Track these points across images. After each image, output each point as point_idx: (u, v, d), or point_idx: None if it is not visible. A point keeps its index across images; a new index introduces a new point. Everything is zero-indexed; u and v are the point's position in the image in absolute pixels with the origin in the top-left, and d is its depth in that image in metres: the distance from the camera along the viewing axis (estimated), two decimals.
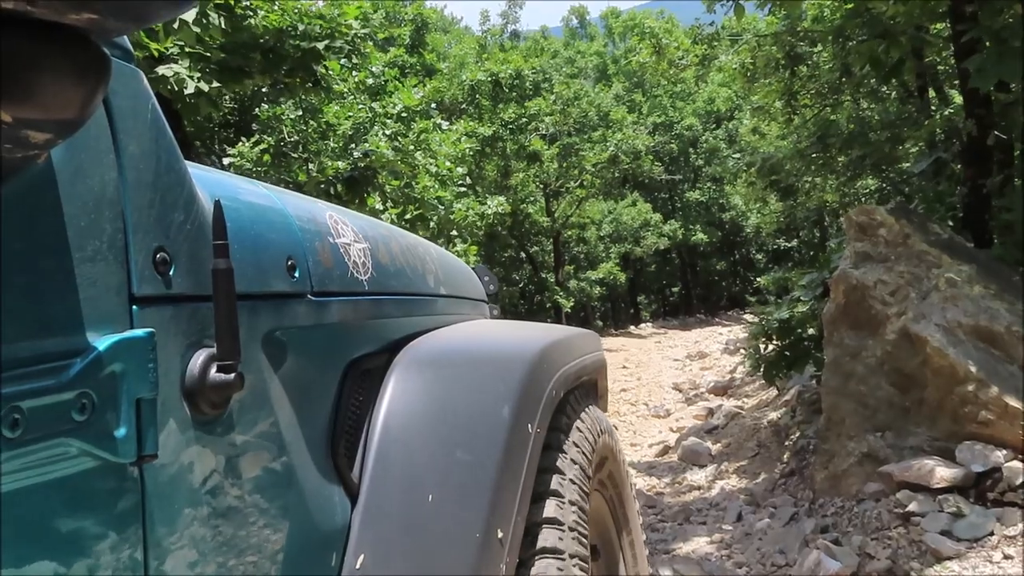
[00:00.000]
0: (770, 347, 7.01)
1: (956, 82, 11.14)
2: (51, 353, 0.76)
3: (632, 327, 32.96)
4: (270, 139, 9.79)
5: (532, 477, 1.44)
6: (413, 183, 10.47)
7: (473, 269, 2.67)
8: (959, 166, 7.06)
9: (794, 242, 39.59)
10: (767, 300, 34.67)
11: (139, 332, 0.84)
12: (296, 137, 10.07)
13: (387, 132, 10.49)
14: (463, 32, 33.21)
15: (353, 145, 9.55)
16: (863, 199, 23.02)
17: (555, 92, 26.70)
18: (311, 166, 9.38)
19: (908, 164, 16.36)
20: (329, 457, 1.26)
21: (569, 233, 31.90)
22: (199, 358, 0.96)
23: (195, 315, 0.97)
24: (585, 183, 28.96)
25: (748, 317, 31.98)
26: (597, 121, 30.01)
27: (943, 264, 5.09)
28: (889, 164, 14.53)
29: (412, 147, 11.00)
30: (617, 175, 30.46)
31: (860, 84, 11.56)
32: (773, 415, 8.23)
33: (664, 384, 14.30)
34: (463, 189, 11.50)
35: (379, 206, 10.14)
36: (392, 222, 10.18)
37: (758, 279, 33.94)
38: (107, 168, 0.87)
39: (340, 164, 7.30)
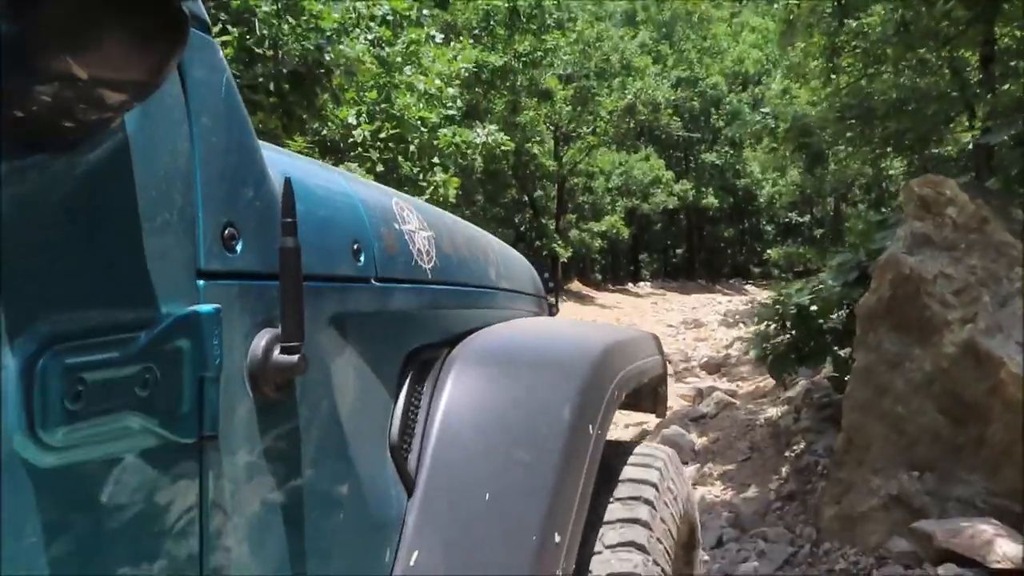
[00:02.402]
0: (782, 336, 5.77)
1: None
2: (116, 324, 0.75)
3: (630, 284, 32.06)
4: (235, 31, 8.33)
5: (592, 480, 1.40)
6: (393, 98, 9.13)
7: (534, 264, 2.59)
8: None
9: (807, 217, 38.43)
10: (771, 274, 33.58)
11: (206, 308, 0.82)
12: (265, 31, 8.56)
13: (369, 37, 9.11)
14: None
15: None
16: (886, 182, 21.66)
17: (577, 31, 25.08)
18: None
19: (949, 147, 15.07)
20: (387, 448, 1.24)
21: (575, 181, 30.51)
22: (263, 338, 0.93)
23: (260, 294, 0.95)
24: (598, 130, 27.46)
25: (751, 288, 30.99)
26: (619, 68, 28.43)
27: None
28: (924, 145, 13.21)
29: (400, 59, 9.62)
30: (633, 126, 29.02)
31: (912, 45, 10.16)
32: (772, 411, 7.04)
33: None
34: (452, 113, 10.13)
35: (352, 119, 8.83)
36: (364, 140, 8.87)
37: (768, 251, 32.83)
38: (180, 139, 0.86)
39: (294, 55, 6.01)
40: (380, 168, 8.90)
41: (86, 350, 0.71)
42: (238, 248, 0.92)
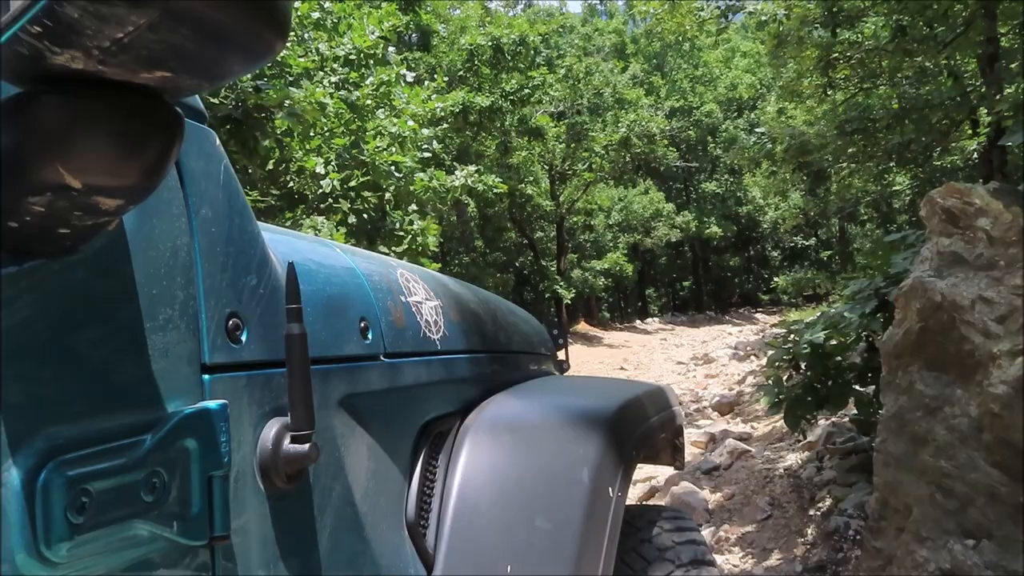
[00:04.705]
0: (795, 378, 5.09)
1: None
2: (120, 430, 0.73)
3: (638, 321, 31.52)
4: None
5: (615, 542, 1.38)
6: (362, 144, 8.56)
7: (542, 321, 2.55)
8: None
9: (812, 240, 37.87)
10: (780, 300, 32.86)
11: (212, 404, 0.81)
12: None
13: (333, 80, 8.57)
14: None
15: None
16: (892, 199, 21.03)
17: (566, 66, 24.68)
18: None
19: (952, 158, 14.47)
20: (403, 527, 1.23)
21: (575, 219, 30.00)
22: (272, 429, 0.92)
23: (268, 383, 0.94)
24: (594, 166, 26.92)
25: (760, 316, 30.27)
26: (612, 102, 27.98)
27: None
28: (928, 156, 12.63)
29: (370, 102, 9.08)
30: (629, 159, 28.50)
31: (910, 52, 9.59)
32: (792, 459, 6.34)
33: None
34: (428, 155, 9.54)
35: (320, 168, 8.25)
36: (334, 189, 8.29)
37: (775, 279, 32.11)
38: (180, 233, 0.85)
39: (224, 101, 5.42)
40: (352, 219, 8.31)
41: (89, 460, 0.68)
42: (243, 338, 0.91)
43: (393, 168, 8.80)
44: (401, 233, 8.83)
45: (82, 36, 0.53)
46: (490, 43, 19.98)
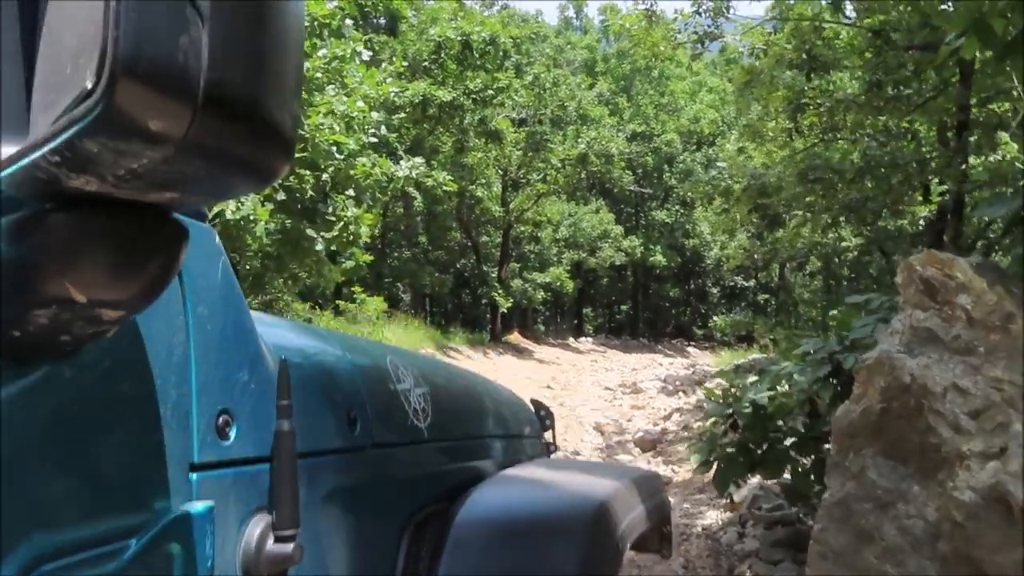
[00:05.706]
0: (731, 435, 4.68)
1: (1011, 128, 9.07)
2: (106, 535, 0.71)
3: (572, 339, 31.21)
4: None
5: None
6: (303, 118, 7.96)
7: (531, 402, 2.53)
8: None
9: (751, 282, 38.09)
10: (714, 337, 32.88)
11: (198, 507, 0.79)
12: None
13: None
14: None
15: None
16: (840, 255, 21.10)
17: (534, 73, 24.27)
18: None
19: (902, 222, 14.38)
20: None
21: (522, 229, 29.57)
22: (257, 527, 0.90)
23: (255, 479, 0.92)
24: (549, 178, 26.56)
25: (692, 351, 30.22)
26: (575, 116, 27.68)
27: None
28: (877, 216, 12.51)
29: (320, 75, 8.50)
30: (584, 176, 28.20)
31: (880, 108, 9.38)
32: (712, 517, 5.94)
33: (586, 420, 12.06)
34: (375, 140, 8.98)
35: None
36: None
37: (714, 318, 32.13)
38: (176, 331, 0.84)
39: None
40: (281, 196, 7.71)
41: (74, 568, 0.66)
42: (232, 434, 0.89)
43: (334, 148, 8.21)
44: (333, 219, 8.26)
45: (99, 166, 0.54)
46: (460, 37, 19.44)
